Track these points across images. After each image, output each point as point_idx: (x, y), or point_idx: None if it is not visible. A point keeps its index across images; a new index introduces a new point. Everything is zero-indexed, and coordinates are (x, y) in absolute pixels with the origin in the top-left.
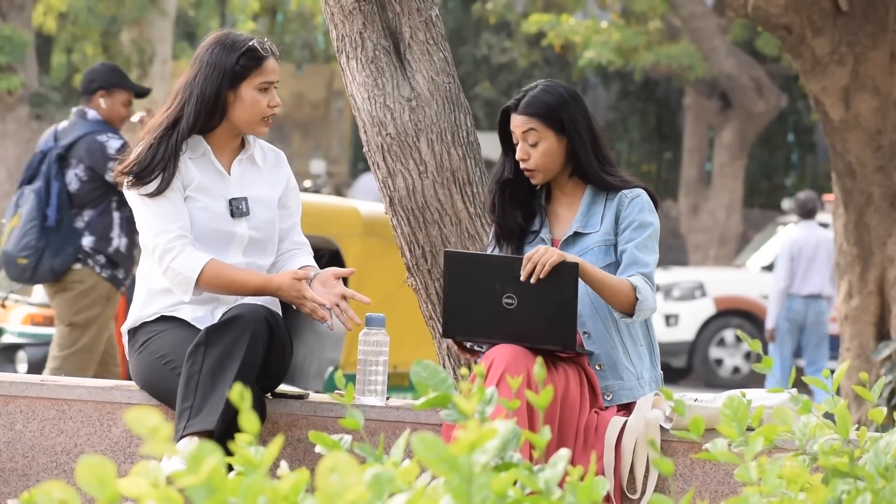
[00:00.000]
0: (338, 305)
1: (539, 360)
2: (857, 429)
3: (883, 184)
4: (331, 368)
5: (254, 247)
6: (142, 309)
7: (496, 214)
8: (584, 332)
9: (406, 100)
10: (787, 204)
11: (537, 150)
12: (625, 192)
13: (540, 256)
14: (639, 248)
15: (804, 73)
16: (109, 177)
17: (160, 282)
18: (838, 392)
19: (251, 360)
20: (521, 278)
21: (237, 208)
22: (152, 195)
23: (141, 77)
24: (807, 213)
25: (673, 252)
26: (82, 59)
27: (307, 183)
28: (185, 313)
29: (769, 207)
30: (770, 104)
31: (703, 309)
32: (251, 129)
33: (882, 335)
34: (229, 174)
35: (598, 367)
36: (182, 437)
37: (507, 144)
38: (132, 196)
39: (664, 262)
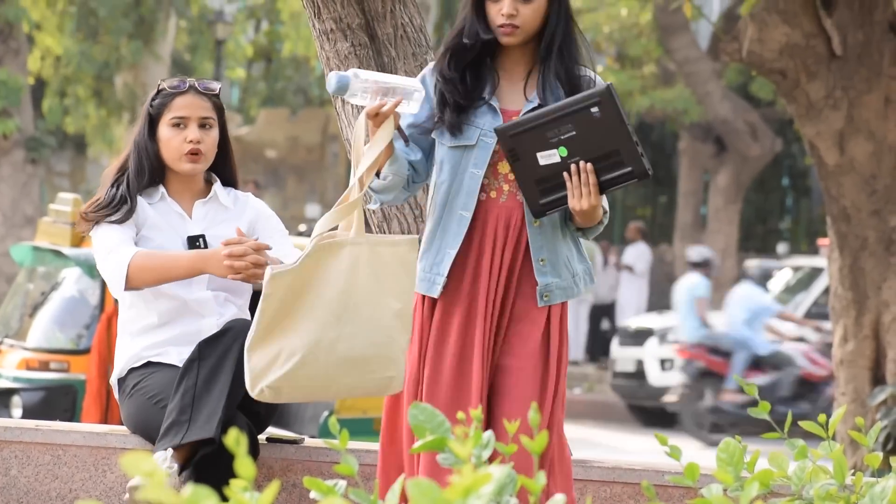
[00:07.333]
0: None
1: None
2: (853, 474)
3: (878, 228)
4: (325, 413)
5: (217, 281)
6: (127, 355)
7: (449, 75)
8: (537, 224)
9: None
10: (782, 248)
11: (528, 6)
12: (591, 75)
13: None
14: None
15: (799, 117)
16: None
17: (138, 322)
18: (834, 437)
19: (243, 369)
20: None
21: (194, 244)
22: (111, 222)
23: (132, 121)
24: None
25: (668, 296)
26: (74, 102)
27: (302, 227)
28: (172, 357)
29: (764, 252)
30: (765, 148)
31: None
32: (175, 166)
33: (877, 380)
34: (191, 217)
35: (541, 262)
36: (181, 444)
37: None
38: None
39: (660, 307)
